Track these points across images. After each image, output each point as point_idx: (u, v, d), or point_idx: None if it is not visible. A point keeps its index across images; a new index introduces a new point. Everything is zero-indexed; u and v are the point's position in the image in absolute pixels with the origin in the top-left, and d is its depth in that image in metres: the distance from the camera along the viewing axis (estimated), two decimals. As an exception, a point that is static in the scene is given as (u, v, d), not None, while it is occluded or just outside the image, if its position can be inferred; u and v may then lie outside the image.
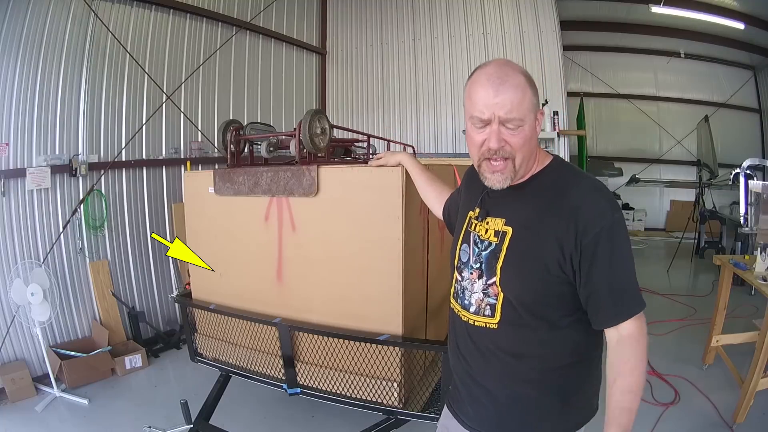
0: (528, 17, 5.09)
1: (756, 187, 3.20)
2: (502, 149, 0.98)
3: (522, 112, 0.96)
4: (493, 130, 0.97)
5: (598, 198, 0.98)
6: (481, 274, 1.06)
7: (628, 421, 0.98)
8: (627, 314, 0.97)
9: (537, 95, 1.00)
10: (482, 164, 1.03)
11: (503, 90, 0.95)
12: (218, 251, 2.08)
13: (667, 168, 8.47)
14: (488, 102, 0.96)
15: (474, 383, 1.11)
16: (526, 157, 1.01)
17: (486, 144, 0.99)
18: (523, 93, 0.96)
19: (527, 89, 0.97)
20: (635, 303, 0.97)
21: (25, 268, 2.99)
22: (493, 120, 0.97)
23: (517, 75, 0.97)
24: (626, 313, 0.97)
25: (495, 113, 0.96)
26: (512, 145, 0.98)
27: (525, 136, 0.98)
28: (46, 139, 3.20)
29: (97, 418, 2.72)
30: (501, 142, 0.98)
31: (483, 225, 1.09)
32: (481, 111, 0.97)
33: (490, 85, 0.96)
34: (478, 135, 1.01)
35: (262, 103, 5.03)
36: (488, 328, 1.05)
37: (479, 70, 1.01)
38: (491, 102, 0.96)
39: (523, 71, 0.99)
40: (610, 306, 0.96)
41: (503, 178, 1.01)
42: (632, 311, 0.97)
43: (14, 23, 2.99)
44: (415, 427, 1.86)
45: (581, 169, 1.07)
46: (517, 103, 0.95)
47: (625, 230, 0.98)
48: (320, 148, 1.92)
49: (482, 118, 0.98)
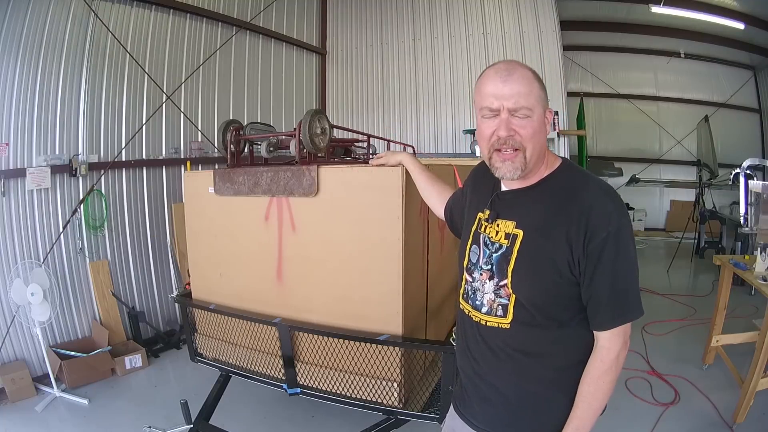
0: (528, 17, 5.09)
1: (756, 187, 3.19)
2: (511, 138, 0.99)
3: (530, 101, 0.98)
4: (502, 119, 0.99)
5: (607, 202, 0.98)
6: (492, 275, 1.07)
7: (581, 419, 1.01)
8: (623, 320, 0.99)
9: (545, 92, 1.03)
10: (492, 156, 1.03)
11: (511, 81, 0.98)
12: (218, 251, 2.07)
13: (667, 168, 8.47)
14: (497, 92, 0.98)
15: (483, 383, 1.11)
16: (536, 151, 1.02)
17: (495, 134, 1.01)
18: (530, 85, 0.99)
19: (534, 82, 1.00)
20: (634, 309, 0.99)
21: (25, 268, 2.99)
22: (501, 110, 0.99)
23: (525, 69, 1.01)
24: (622, 319, 0.99)
25: (503, 104, 0.98)
26: (521, 135, 0.99)
27: (534, 127, 1.00)
28: (46, 139, 3.20)
29: (97, 418, 2.72)
30: (510, 131, 0.99)
31: (493, 227, 1.09)
32: (490, 101, 1.00)
33: (498, 77, 0.99)
34: (487, 127, 1.02)
35: (262, 103, 5.03)
36: (500, 327, 1.06)
37: (488, 68, 1.04)
38: (500, 92, 0.98)
39: (531, 69, 1.02)
40: (610, 309, 0.98)
41: (514, 168, 1.01)
42: (630, 316, 0.99)
43: (14, 23, 2.99)
44: (415, 427, 1.86)
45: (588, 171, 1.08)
46: (525, 94, 0.98)
47: (631, 236, 0.99)
48: (320, 148, 1.92)
49: (491, 108, 0.99)
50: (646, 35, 7.29)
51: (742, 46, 7.13)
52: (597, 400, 1.00)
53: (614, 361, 0.99)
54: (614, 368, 1.00)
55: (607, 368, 0.99)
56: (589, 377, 1.01)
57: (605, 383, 1.00)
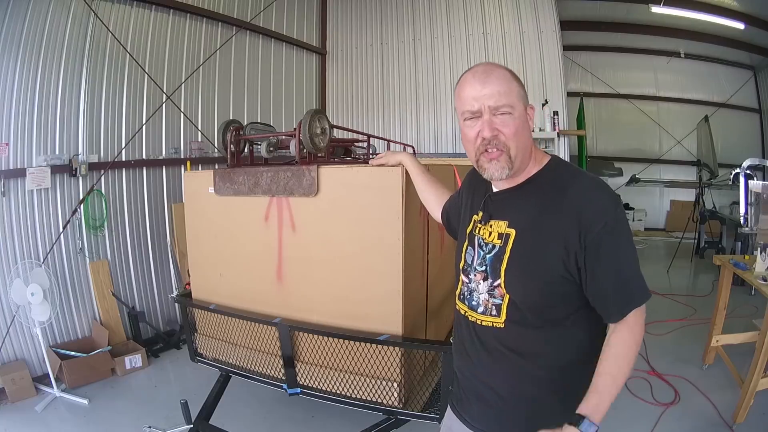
0: (528, 17, 5.09)
1: (756, 187, 3.20)
2: (495, 138, 0.99)
3: (511, 99, 0.99)
4: (484, 120, 1.00)
5: (600, 194, 0.98)
6: (486, 276, 1.07)
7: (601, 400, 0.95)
8: (634, 304, 0.99)
9: (524, 90, 1.03)
10: (479, 159, 1.04)
11: (489, 81, 0.99)
12: (218, 251, 2.07)
13: (667, 168, 8.47)
14: (476, 95, 0.99)
15: (480, 382, 1.12)
16: (521, 149, 1.02)
17: (480, 135, 1.01)
18: (509, 83, 1.00)
19: (512, 81, 1.01)
20: (641, 293, 1.00)
21: (25, 268, 2.99)
22: (483, 111, 0.99)
23: (502, 70, 1.02)
24: (634, 304, 0.99)
25: (484, 104, 0.99)
26: (505, 135, 0.99)
27: (516, 125, 1.00)
28: (46, 139, 3.20)
29: (97, 418, 2.72)
30: (494, 130, 0.99)
31: (487, 228, 1.10)
32: (471, 104, 1.00)
33: (476, 80, 1.00)
34: (471, 130, 1.02)
35: (262, 103, 5.03)
36: (495, 327, 1.06)
37: (465, 72, 1.05)
38: (479, 94, 0.99)
39: (509, 69, 1.03)
40: (619, 299, 0.98)
41: (501, 167, 1.01)
42: (639, 301, 0.99)
43: (14, 23, 2.99)
44: (415, 427, 1.86)
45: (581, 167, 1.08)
46: (505, 92, 0.99)
47: (627, 225, 1.00)
48: (320, 148, 1.92)
49: (473, 110, 1.00)
50: (646, 35, 7.29)
51: (742, 46, 7.13)
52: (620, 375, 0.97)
53: (633, 339, 0.98)
54: (635, 347, 0.98)
55: (629, 346, 0.98)
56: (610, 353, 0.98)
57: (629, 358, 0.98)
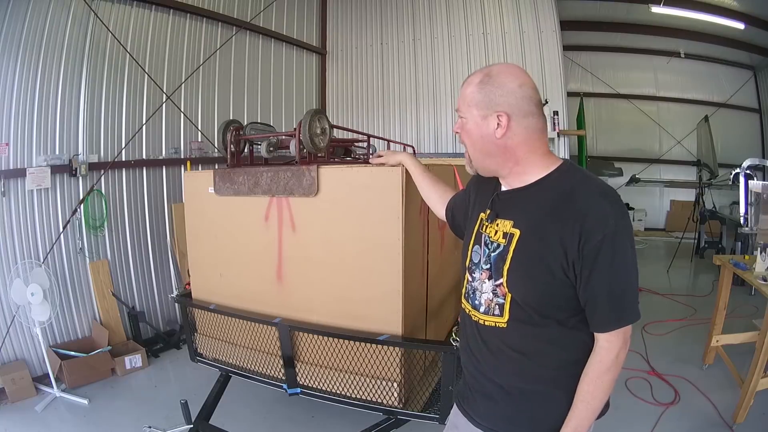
0: (528, 17, 5.09)
1: (756, 187, 3.20)
2: (459, 136, 1.11)
3: (463, 104, 1.06)
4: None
5: (605, 204, 0.96)
6: (491, 275, 1.07)
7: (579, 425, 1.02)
8: (619, 324, 0.98)
9: (490, 95, 1.02)
10: None
11: (465, 84, 1.07)
12: (218, 251, 2.07)
13: (667, 168, 8.47)
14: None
15: (486, 380, 1.12)
16: (478, 153, 1.08)
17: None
18: (470, 88, 1.05)
19: (474, 86, 1.04)
20: (630, 313, 0.98)
21: (25, 268, 2.99)
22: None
23: (479, 74, 1.05)
24: (619, 323, 0.98)
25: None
26: (461, 135, 1.10)
27: (467, 129, 1.07)
28: (46, 139, 3.20)
29: (97, 418, 2.72)
30: (457, 128, 1.11)
31: (493, 227, 1.10)
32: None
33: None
34: None
35: (262, 103, 5.03)
36: (498, 327, 1.06)
37: None
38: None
39: (486, 72, 1.04)
40: (605, 313, 0.97)
41: (468, 163, 1.14)
42: (627, 320, 0.98)
43: (14, 23, 2.99)
44: (415, 427, 1.86)
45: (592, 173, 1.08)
46: (463, 96, 1.07)
47: (629, 238, 0.97)
48: (320, 148, 1.92)
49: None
50: (646, 35, 7.29)
51: (742, 46, 7.13)
52: (596, 399, 1.00)
53: (613, 361, 0.99)
54: (613, 368, 0.99)
55: (606, 368, 0.99)
56: (588, 377, 1.00)
57: (604, 383, 1.00)
